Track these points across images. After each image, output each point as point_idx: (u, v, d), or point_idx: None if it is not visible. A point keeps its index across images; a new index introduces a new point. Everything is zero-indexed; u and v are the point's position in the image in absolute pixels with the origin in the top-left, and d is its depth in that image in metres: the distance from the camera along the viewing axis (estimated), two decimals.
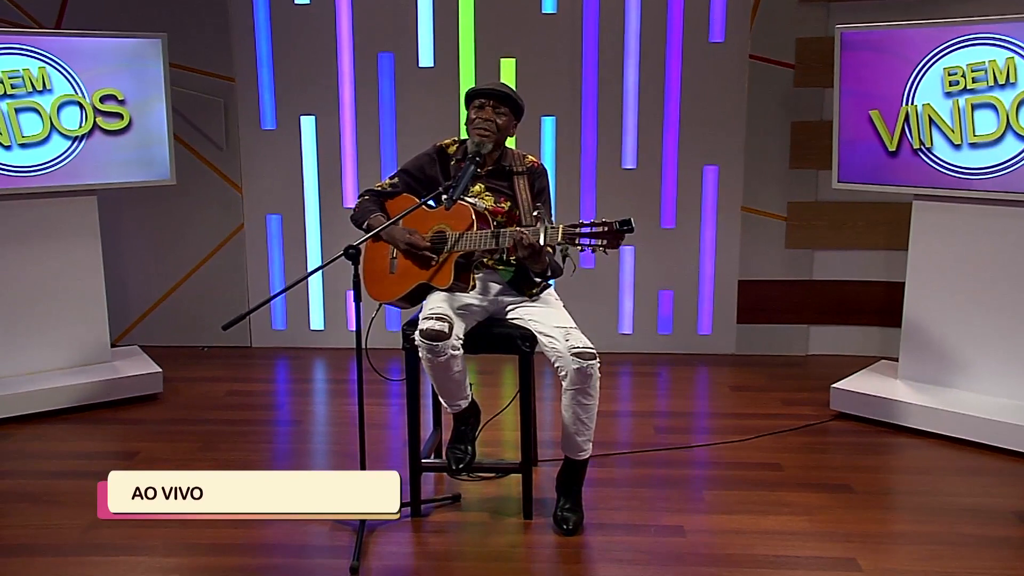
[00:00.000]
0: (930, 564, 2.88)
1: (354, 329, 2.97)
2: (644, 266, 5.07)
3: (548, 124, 4.96)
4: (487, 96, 3.11)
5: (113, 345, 5.07)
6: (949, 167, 3.90)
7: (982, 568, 2.86)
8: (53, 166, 4.20)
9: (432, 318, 2.94)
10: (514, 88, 3.24)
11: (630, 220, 2.73)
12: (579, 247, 2.80)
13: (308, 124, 5.04)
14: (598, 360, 3.00)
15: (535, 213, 2.94)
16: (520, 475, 3.20)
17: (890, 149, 4.04)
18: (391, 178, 3.30)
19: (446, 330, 2.92)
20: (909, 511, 3.26)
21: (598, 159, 4.98)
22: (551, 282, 3.29)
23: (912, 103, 3.94)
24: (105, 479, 2.71)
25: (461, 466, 3.15)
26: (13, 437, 3.97)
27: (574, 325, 3.07)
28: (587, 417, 3.04)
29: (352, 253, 2.91)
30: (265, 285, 5.19)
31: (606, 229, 2.75)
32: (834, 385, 4.19)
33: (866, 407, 4.09)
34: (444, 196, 2.99)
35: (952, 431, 3.86)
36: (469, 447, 3.18)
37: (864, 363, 4.52)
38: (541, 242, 2.85)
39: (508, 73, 4.91)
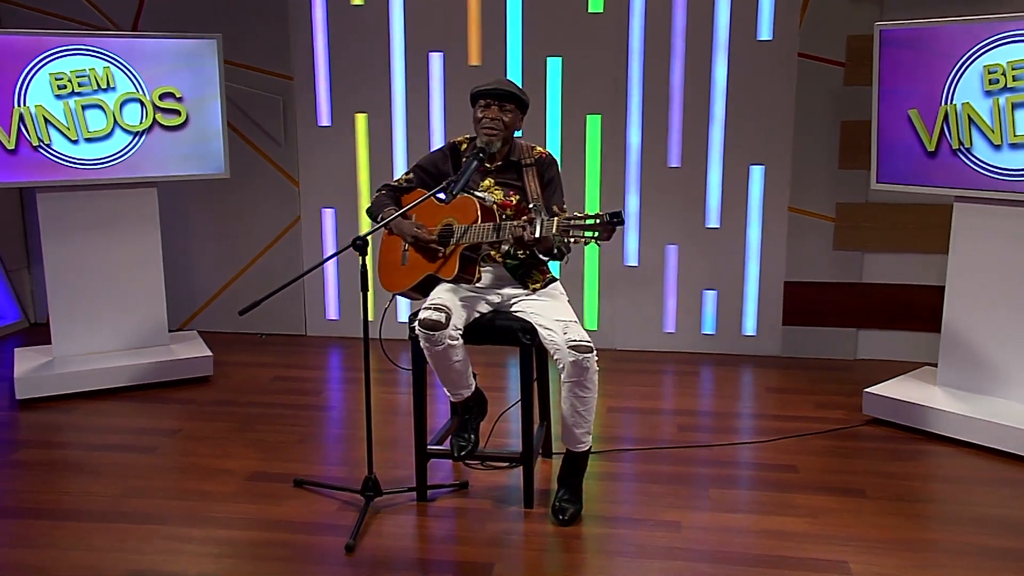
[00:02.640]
0: (923, 571, 2.83)
1: (374, 319, 3.10)
2: (688, 265, 5.06)
3: (594, 122, 5.00)
4: (492, 96, 3.19)
5: (178, 330, 5.38)
6: (989, 168, 3.78)
7: None
8: (116, 160, 4.47)
9: (431, 308, 3.04)
10: (520, 86, 3.31)
11: (620, 212, 2.77)
12: (572, 239, 2.85)
13: (362, 121, 5.21)
14: (595, 354, 3.04)
15: (531, 206, 3.00)
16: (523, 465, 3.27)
17: (929, 149, 3.94)
18: (407, 174, 3.41)
19: (443, 320, 3.01)
20: (919, 518, 3.19)
21: (643, 157, 5.00)
22: (557, 276, 3.34)
23: (951, 102, 3.83)
24: (147, 454, 2.87)
25: (463, 453, 3.24)
26: (74, 411, 4.25)
27: (574, 319, 3.12)
28: (585, 409, 3.09)
29: (360, 244, 3.03)
30: (319, 276, 5.40)
31: (598, 221, 2.79)
32: (867, 389, 4.11)
33: (899, 413, 4.01)
34: (445, 190, 3.08)
35: (986, 440, 3.75)
36: (472, 435, 3.28)
37: (913, 369, 4.42)
38: (537, 235, 2.91)
39: (554, 71, 4.97)
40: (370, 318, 5.21)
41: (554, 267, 3.47)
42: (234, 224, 5.43)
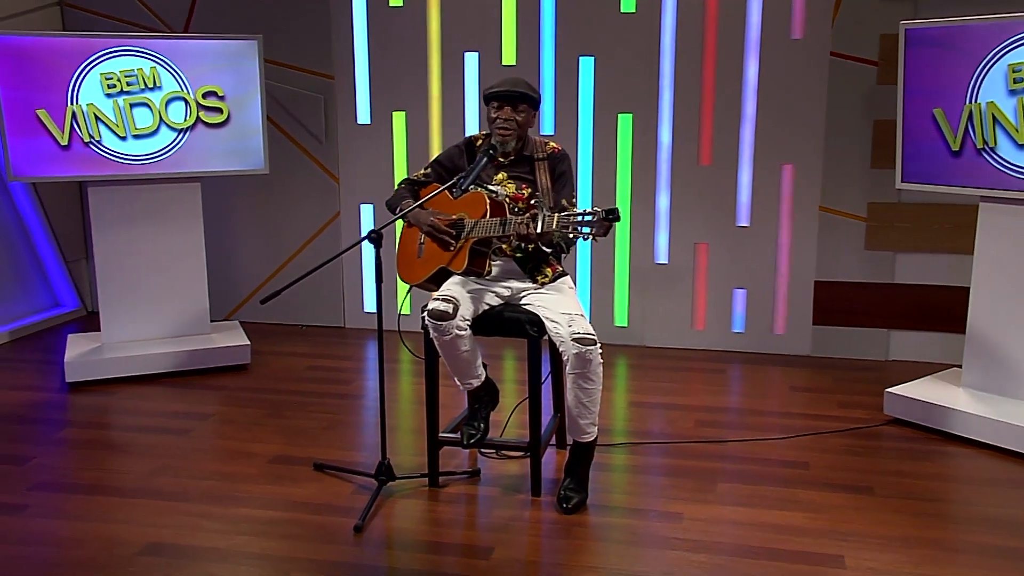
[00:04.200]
0: (919, 567, 2.84)
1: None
2: (718, 263, 5.08)
3: (625, 121, 5.05)
4: (505, 99, 3.28)
5: (224, 320, 5.59)
6: (1014, 168, 3.75)
7: (972, 575, 2.80)
8: (162, 156, 4.68)
9: (439, 299, 3.15)
10: (532, 85, 3.38)
11: (616, 209, 2.84)
12: (570, 234, 2.92)
13: (399, 119, 5.35)
14: (598, 346, 3.11)
15: (532, 202, 3.09)
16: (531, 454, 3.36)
17: (954, 149, 3.91)
18: (425, 168, 3.53)
19: (451, 311, 3.12)
20: (923, 517, 3.18)
21: (674, 156, 5.03)
22: (566, 270, 3.42)
23: (976, 101, 3.80)
24: (180, 436, 3.01)
25: (472, 441, 3.34)
26: (116, 395, 4.47)
27: (580, 313, 3.19)
28: (589, 401, 3.16)
29: (374, 237, 3.16)
30: (358, 270, 5.55)
31: (594, 218, 2.87)
32: (888, 390, 4.10)
33: (920, 413, 3.99)
34: (455, 185, 3.18)
35: (1006, 443, 3.72)
36: (482, 424, 3.38)
37: (944, 371, 4.39)
38: (538, 229, 3.00)
39: (586, 71, 5.04)
40: (406, 311, 5.37)
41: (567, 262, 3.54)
42: (276, 218, 5.62)
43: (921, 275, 4.84)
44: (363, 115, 5.40)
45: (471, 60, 5.19)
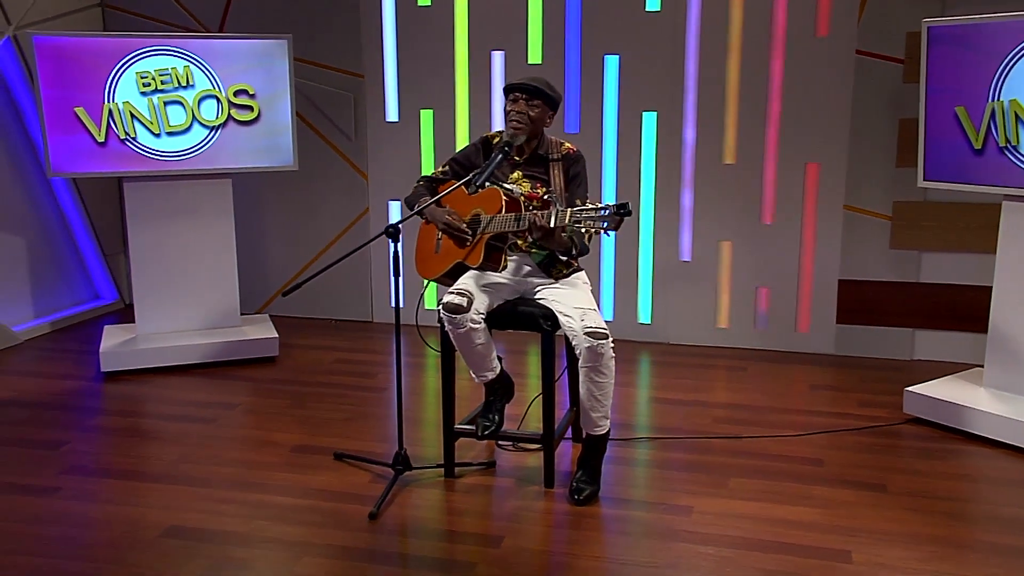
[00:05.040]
0: (927, 564, 2.84)
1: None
2: (741, 261, 5.09)
3: (650, 119, 5.08)
4: (519, 91, 3.33)
5: (257, 312, 5.71)
6: None
7: (980, 573, 2.79)
8: (194, 152, 4.81)
9: (454, 293, 3.22)
10: (553, 86, 3.43)
11: (627, 204, 2.88)
12: (583, 229, 2.96)
13: (427, 117, 5.43)
14: (610, 340, 3.15)
15: (545, 198, 3.14)
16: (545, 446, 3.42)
17: (976, 147, 3.89)
18: (443, 166, 3.60)
19: (464, 304, 3.18)
20: (935, 515, 3.18)
21: (698, 154, 5.05)
22: (581, 266, 3.47)
23: (998, 99, 3.78)
24: (206, 425, 3.13)
25: (486, 433, 3.41)
26: (149, 384, 4.61)
27: (593, 307, 3.24)
28: (601, 394, 3.21)
29: (391, 232, 3.23)
30: (385, 267, 5.64)
31: (606, 212, 2.91)
32: (908, 388, 4.09)
33: (939, 412, 3.97)
34: (471, 182, 3.24)
35: None
36: (496, 416, 3.44)
37: (967, 370, 4.37)
38: (551, 224, 3.05)
39: (611, 69, 5.08)
40: (431, 306, 5.45)
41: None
42: (307, 214, 5.73)
43: (947, 275, 4.81)
44: (391, 113, 5.48)
45: (498, 59, 5.25)
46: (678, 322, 5.25)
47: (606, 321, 3.30)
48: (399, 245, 3.25)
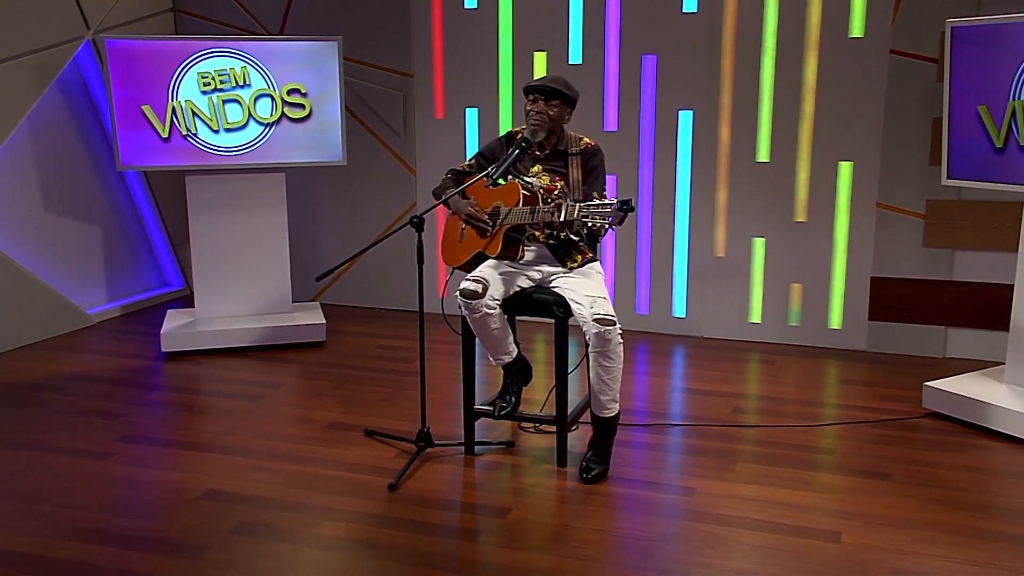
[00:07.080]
0: (915, 546, 2.94)
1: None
2: (775, 258, 5.18)
3: (686, 118, 5.21)
4: (539, 92, 3.52)
5: (311, 300, 6.01)
6: None
7: (968, 558, 2.88)
8: (250, 148, 5.12)
9: (471, 280, 3.43)
10: (570, 85, 3.59)
11: (630, 200, 3.05)
12: (589, 221, 3.13)
13: (472, 115, 5.65)
14: (618, 327, 3.32)
15: (556, 192, 3.32)
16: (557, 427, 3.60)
17: (997, 146, 3.94)
18: (470, 159, 3.81)
19: (480, 291, 3.39)
20: (934, 502, 3.26)
21: (732, 152, 5.16)
22: (596, 256, 3.64)
23: (1019, 98, 3.82)
24: (251, 402, 3.42)
25: (503, 413, 3.61)
26: (203, 364, 4.93)
27: (604, 296, 3.41)
28: (609, 378, 3.38)
29: (416, 222, 3.46)
30: (433, 260, 5.87)
31: (610, 208, 3.08)
32: (927, 383, 4.14)
33: (957, 407, 4.02)
34: (488, 175, 3.44)
35: None
36: (513, 398, 3.64)
37: (990, 367, 4.40)
38: (561, 218, 3.23)
39: (649, 68, 5.22)
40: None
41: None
42: (357, 208, 6.01)
43: (980, 273, 4.82)
44: (438, 111, 5.72)
45: (540, 59, 5.44)
46: (712, 317, 5.37)
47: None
48: (422, 235, 3.48)
